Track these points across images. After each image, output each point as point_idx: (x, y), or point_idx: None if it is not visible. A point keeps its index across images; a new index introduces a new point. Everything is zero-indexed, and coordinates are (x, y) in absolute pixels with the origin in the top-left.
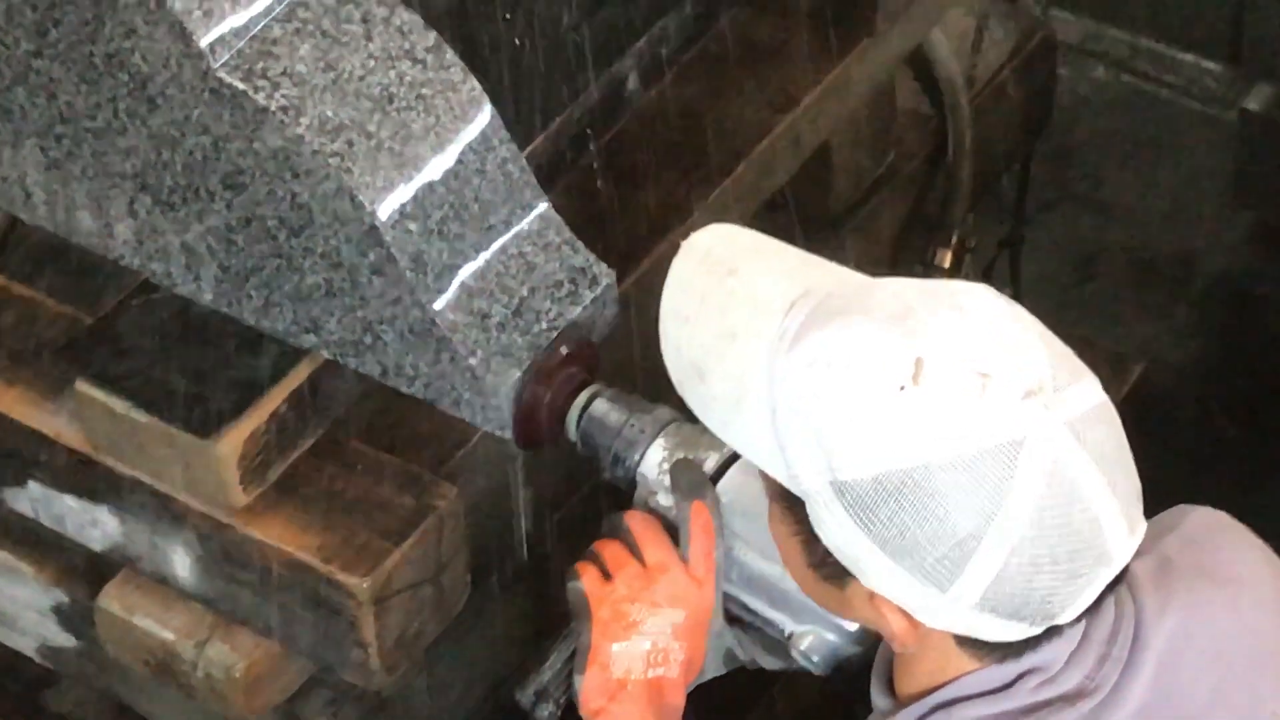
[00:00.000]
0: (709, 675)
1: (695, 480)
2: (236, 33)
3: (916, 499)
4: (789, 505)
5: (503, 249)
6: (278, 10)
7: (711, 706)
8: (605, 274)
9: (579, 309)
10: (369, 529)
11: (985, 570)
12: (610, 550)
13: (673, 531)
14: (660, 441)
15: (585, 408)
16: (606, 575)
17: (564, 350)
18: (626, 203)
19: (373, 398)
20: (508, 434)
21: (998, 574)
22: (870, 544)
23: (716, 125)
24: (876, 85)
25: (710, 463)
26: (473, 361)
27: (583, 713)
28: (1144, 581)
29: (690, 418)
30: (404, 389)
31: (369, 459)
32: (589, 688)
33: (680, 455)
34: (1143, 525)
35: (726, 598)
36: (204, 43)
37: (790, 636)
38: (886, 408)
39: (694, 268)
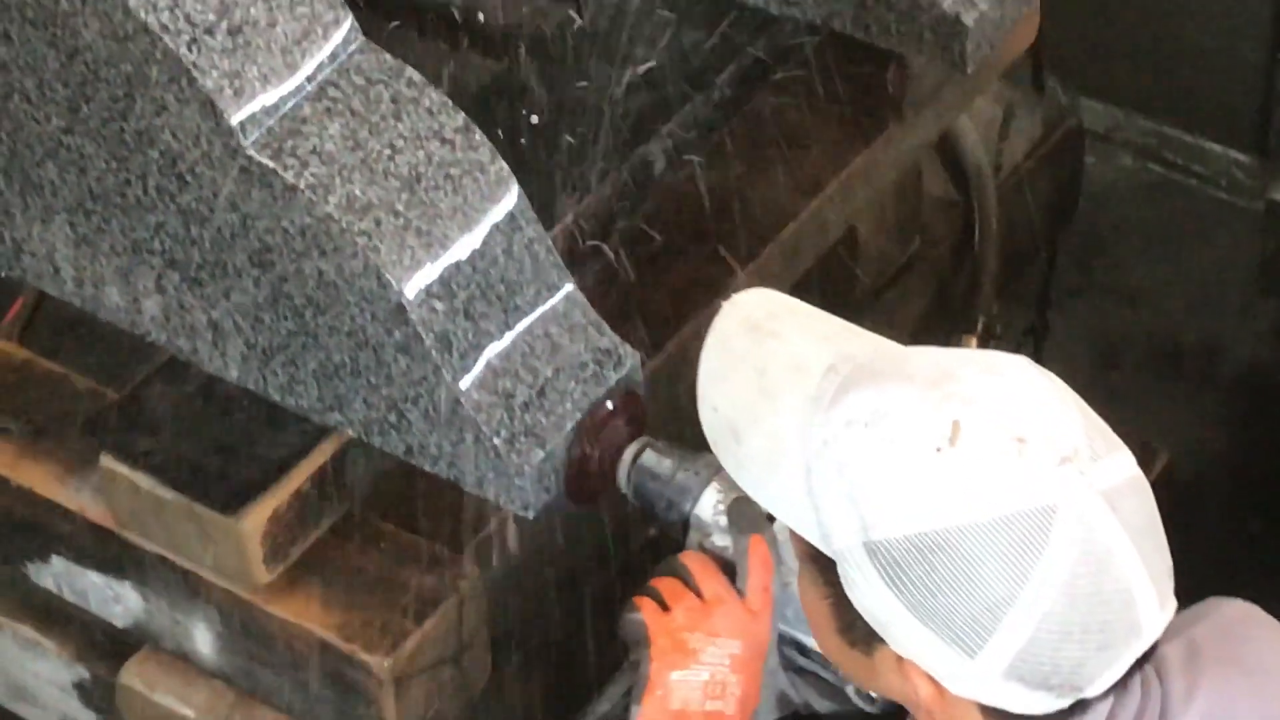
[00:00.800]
0: (762, 718)
1: (753, 516)
2: (267, 111)
3: (949, 561)
4: (820, 568)
5: (528, 329)
6: (308, 89)
7: None
8: (630, 355)
9: (603, 390)
10: (391, 608)
11: (1015, 637)
12: (667, 585)
13: (729, 571)
14: (714, 485)
15: (635, 459)
16: (664, 608)
17: (610, 405)
18: (652, 285)
19: (396, 476)
20: (532, 513)
21: (1027, 641)
22: (901, 606)
23: (743, 208)
24: (903, 171)
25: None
26: (497, 441)
27: None
28: (1173, 666)
29: None
30: (428, 467)
31: (391, 537)
32: (646, 718)
33: (735, 495)
34: (1173, 602)
35: (781, 639)
36: (234, 120)
37: (833, 663)
38: (922, 469)
39: (734, 329)
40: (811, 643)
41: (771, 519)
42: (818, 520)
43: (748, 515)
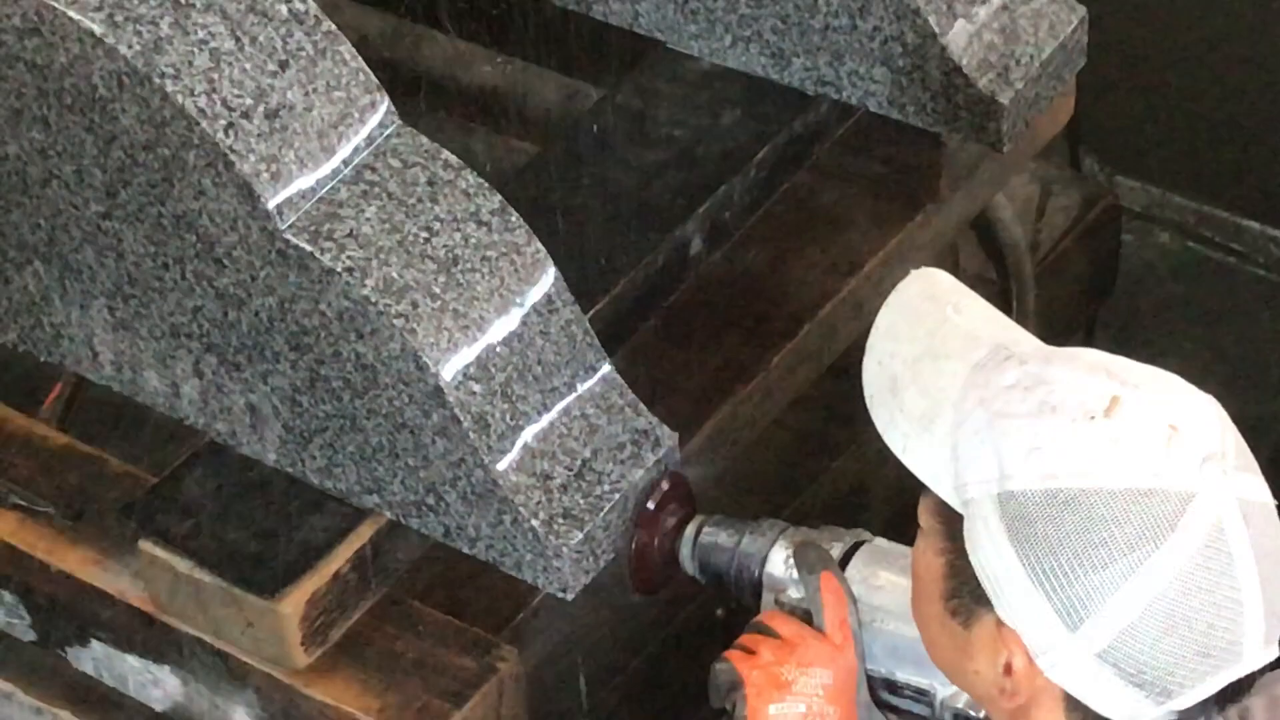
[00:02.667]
0: None
1: (820, 556)
2: (304, 194)
3: (1078, 520)
4: (944, 522)
5: (565, 410)
6: (345, 173)
7: None
8: (668, 437)
9: (641, 471)
10: (429, 691)
11: (1120, 615)
12: (748, 637)
13: (806, 620)
14: (781, 542)
15: (696, 538)
16: (751, 653)
17: (660, 494)
18: (689, 365)
19: (435, 558)
20: (570, 595)
21: (1131, 623)
22: (1018, 563)
23: (779, 289)
24: (940, 250)
25: (836, 550)
26: (535, 523)
27: None
28: (1258, 715)
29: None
30: (466, 549)
31: (430, 620)
32: None
33: (800, 542)
34: (1275, 648)
35: (872, 679)
36: (272, 204)
37: (943, 701)
38: (1074, 431)
39: (916, 294)
40: (903, 677)
41: (841, 561)
42: (955, 471)
43: (815, 555)
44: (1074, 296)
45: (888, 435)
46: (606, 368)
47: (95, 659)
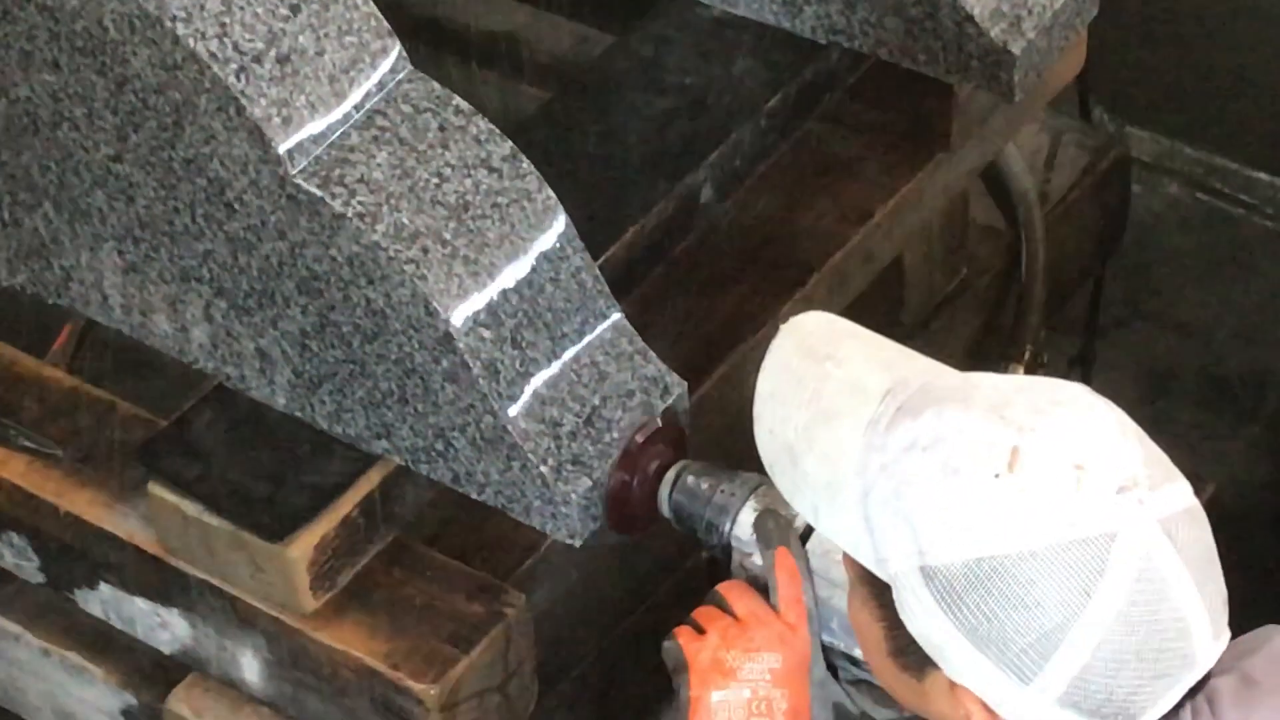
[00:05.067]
0: None
1: (780, 529)
2: (315, 139)
3: (1006, 587)
4: (873, 591)
5: (575, 358)
6: (356, 118)
7: None
8: (677, 384)
9: (648, 418)
10: (437, 636)
11: (1070, 663)
12: (703, 612)
13: (766, 590)
14: (750, 503)
15: (675, 483)
16: (700, 633)
17: (647, 433)
18: (699, 314)
19: (443, 504)
20: (578, 541)
21: (1082, 668)
22: (956, 631)
23: (790, 238)
24: (950, 200)
25: (801, 518)
26: (544, 469)
27: None
28: (1225, 698)
29: None
30: (475, 495)
31: (438, 565)
32: None
33: (764, 510)
34: (1227, 633)
35: (830, 650)
36: (282, 149)
37: (881, 684)
38: (981, 494)
39: (792, 351)
40: (860, 653)
41: (804, 534)
42: (873, 544)
43: (774, 530)
44: (1083, 247)
45: (795, 503)
46: (616, 315)
47: (104, 601)
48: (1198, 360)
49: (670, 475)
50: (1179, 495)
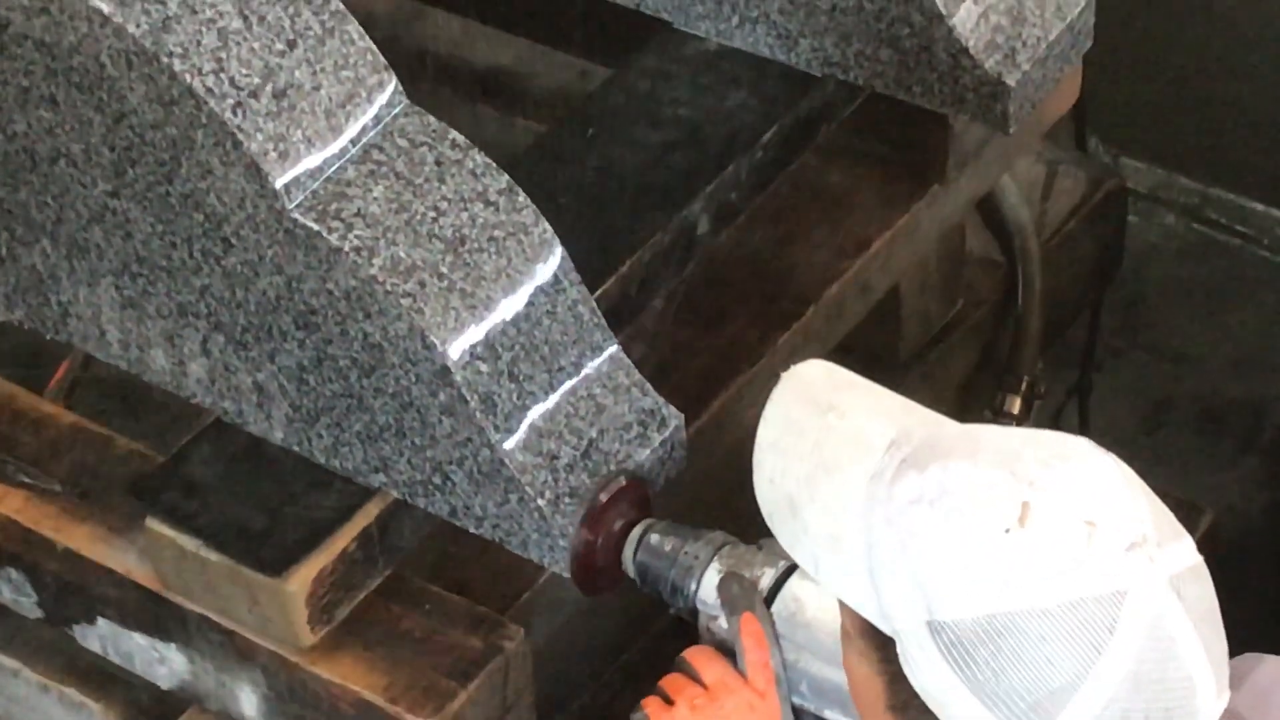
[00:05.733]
0: None
1: (742, 592)
2: (311, 174)
3: (1017, 644)
4: (875, 644)
5: (572, 390)
6: (352, 152)
7: None
8: (674, 416)
9: (647, 451)
10: (436, 669)
11: None
12: (670, 681)
13: (733, 654)
14: (715, 565)
15: (639, 543)
16: (669, 703)
17: (611, 492)
18: (696, 346)
19: (441, 537)
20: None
21: None
22: (963, 688)
23: (786, 269)
24: (946, 231)
25: (766, 578)
26: (541, 503)
27: None
28: None
29: (743, 539)
30: (472, 529)
31: (436, 598)
32: None
33: (726, 574)
34: (1229, 691)
35: (800, 711)
36: (279, 184)
37: None
38: (990, 550)
39: (793, 401)
40: (833, 717)
41: (768, 597)
42: (877, 598)
43: (739, 594)
44: (1080, 277)
45: (795, 554)
46: (613, 347)
47: (102, 637)
48: (1195, 390)
49: (635, 535)
50: (1185, 552)
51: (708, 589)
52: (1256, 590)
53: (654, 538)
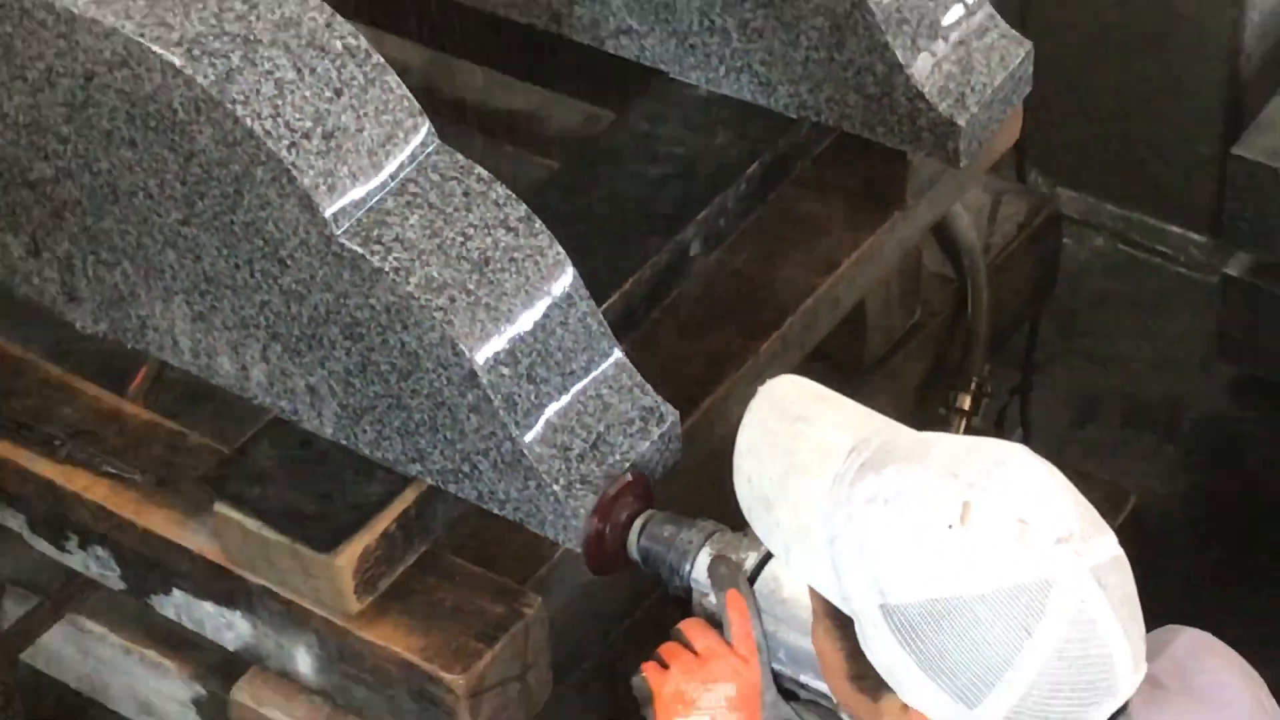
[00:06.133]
0: None
1: (728, 572)
2: (356, 204)
3: (956, 625)
4: (837, 623)
5: (582, 391)
6: (391, 185)
7: None
8: (670, 413)
9: (647, 443)
10: (465, 633)
11: (1011, 693)
12: (667, 648)
13: (722, 626)
14: (706, 549)
15: (641, 531)
16: (665, 667)
17: (618, 487)
18: (689, 352)
19: (469, 518)
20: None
21: (1021, 697)
22: (911, 662)
23: (767, 285)
24: (906, 252)
25: (750, 560)
26: (556, 488)
27: None
28: (1136, 703)
29: (732, 520)
30: (496, 511)
31: (465, 572)
32: None
33: (715, 556)
34: (1145, 666)
35: (780, 675)
36: (328, 213)
37: (839, 703)
38: (936, 543)
39: (767, 411)
40: (807, 680)
41: (751, 576)
42: (839, 583)
43: (725, 574)
44: (1022, 292)
45: (769, 543)
46: (618, 353)
47: (176, 605)
48: (1121, 389)
49: (638, 524)
50: (1107, 545)
51: (700, 570)
52: (1175, 563)
53: (653, 527)
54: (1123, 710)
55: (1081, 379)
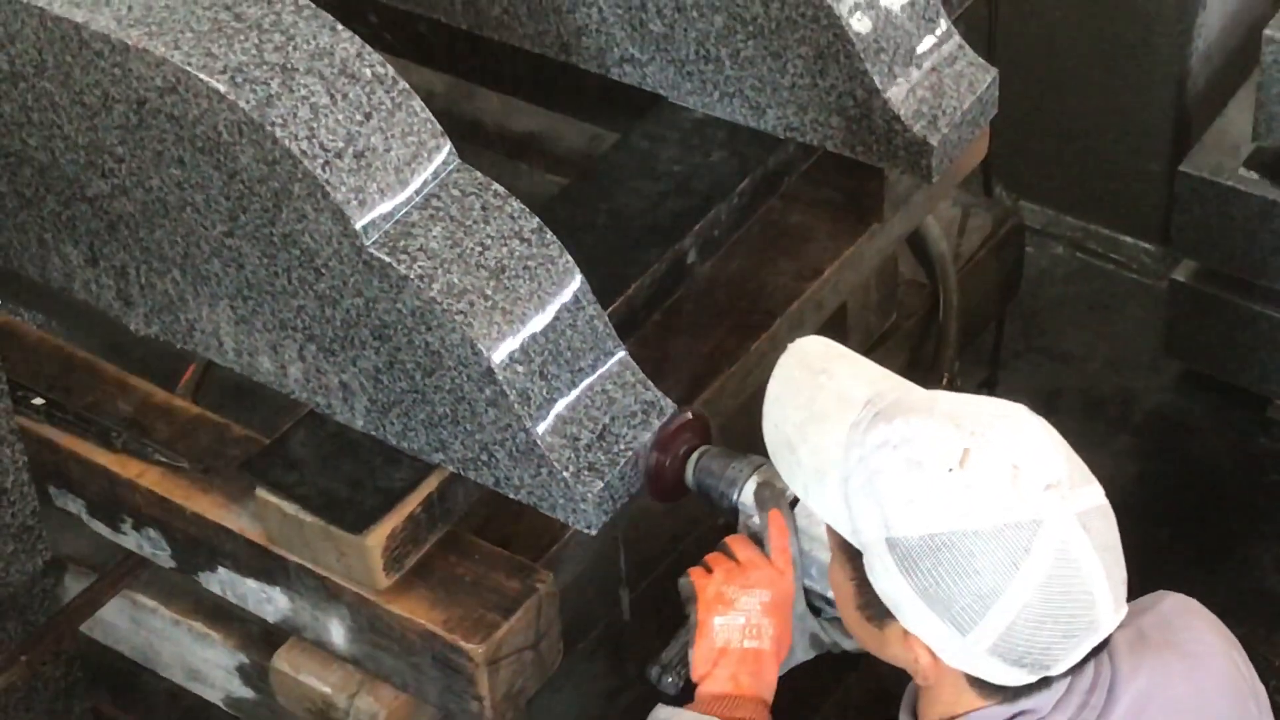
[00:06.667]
0: (798, 657)
1: (772, 496)
2: (384, 217)
3: (952, 557)
4: (849, 556)
5: (589, 386)
6: (416, 200)
7: (799, 689)
8: (670, 406)
9: (649, 433)
10: (484, 606)
11: (999, 621)
12: (712, 556)
13: (764, 545)
14: (754, 478)
15: (697, 462)
16: (709, 572)
17: (679, 423)
18: (686, 350)
19: (487, 502)
20: (594, 531)
21: (1008, 625)
22: (911, 591)
23: (757, 290)
24: (883, 260)
25: (792, 492)
26: (566, 475)
27: (694, 678)
28: (1121, 649)
29: None
30: (511, 496)
31: (484, 550)
32: (698, 658)
33: (762, 483)
34: (1125, 606)
35: (810, 592)
36: (359, 225)
37: (850, 630)
38: (937, 483)
39: (794, 364)
40: (831, 595)
41: (792, 502)
42: (850, 518)
43: (769, 497)
44: (988, 295)
45: (791, 482)
46: (621, 352)
47: (222, 582)
48: (1078, 384)
49: (694, 457)
50: (1094, 495)
51: (746, 495)
52: (1128, 541)
53: (706, 460)
54: (1103, 647)
55: (1043, 374)
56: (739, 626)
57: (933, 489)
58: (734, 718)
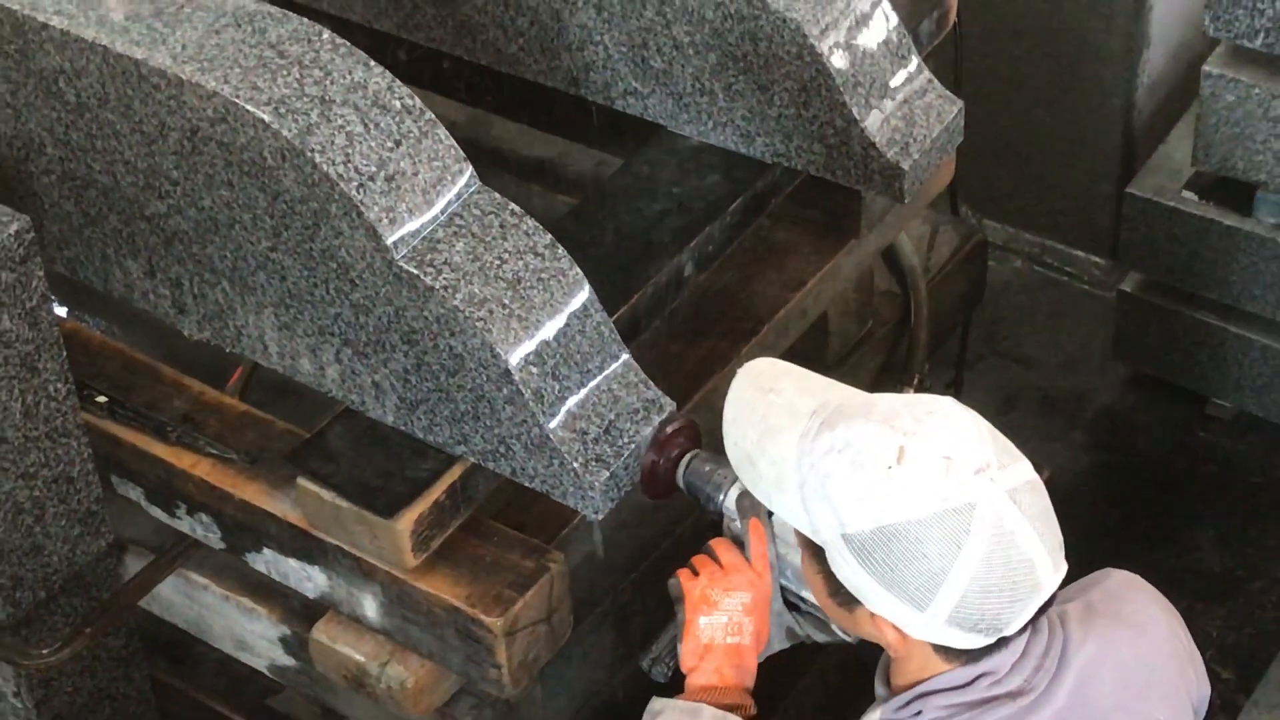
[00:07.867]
0: (774, 648)
1: (752, 504)
2: (412, 234)
3: (902, 545)
4: (813, 553)
5: (597, 386)
6: (441, 219)
7: (775, 671)
8: (668, 404)
9: (650, 428)
10: (502, 583)
11: (951, 594)
12: (698, 559)
13: (744, 546)
14: (737, 485)
15: (687, 465)
16: (695, 574)
17: (674, 427)
18: (683, 354)
19: (505, 489)
20: (600, 517)
21: (960, 598)
22: (870, 578)
23: (747, 300)
24: (860, 273)
25: None
26: (576, 465)
27: (682, 669)
28: (1073, 618)
29: None
30: (526, 484)
31: (502, 533)
32: (686, 653)
33: (744, 491)
34: (1064, 565)
35: (785, 590)
36: (389, 241)
37: (827, 616)
38: (879, 481)
39: (746, 385)
40: (808, 595)
41: (770, 512)
42: (809, 520)
43: (749, 505)
44: (954, 305)
45: (755, 492)
46: (626, 356)
47: (266, 561)
48: (1036, 384)
49: (685, 460)
50: (1021, 472)
51: (730, 500)
52: (1081, 526)
53: (696, 463)
54: (1049, 604)
55: (1004, 376)
56: (722, 625)
57: (876, 486)
58: (720, 704)
